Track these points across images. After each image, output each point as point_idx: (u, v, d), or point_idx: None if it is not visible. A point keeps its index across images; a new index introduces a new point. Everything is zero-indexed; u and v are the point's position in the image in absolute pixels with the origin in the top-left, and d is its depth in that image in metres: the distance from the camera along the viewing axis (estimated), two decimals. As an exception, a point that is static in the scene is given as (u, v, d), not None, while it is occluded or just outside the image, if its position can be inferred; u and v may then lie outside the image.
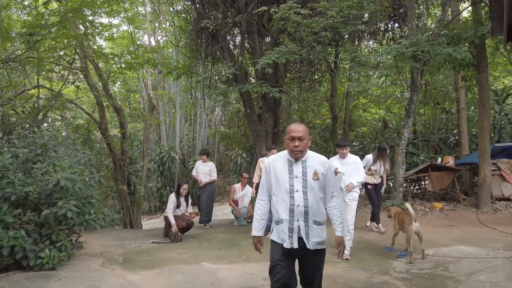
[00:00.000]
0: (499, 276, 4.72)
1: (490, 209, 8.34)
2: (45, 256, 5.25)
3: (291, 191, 2.82)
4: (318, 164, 2.90)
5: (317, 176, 2.84)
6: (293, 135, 2.83)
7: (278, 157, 3.00)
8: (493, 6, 3.03)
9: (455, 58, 6.80)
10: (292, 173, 2.86)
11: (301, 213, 2.81)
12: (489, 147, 8.47)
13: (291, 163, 2.91)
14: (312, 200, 2.82)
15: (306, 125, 13.36)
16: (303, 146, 2.83)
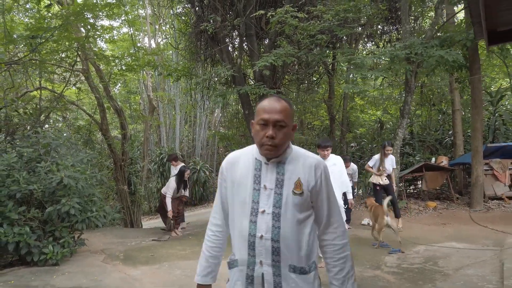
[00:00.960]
0: (486, 270, 4.90)
1: (483, 207, 8.52)
2: (49, 252, 5.44)
3: (253, 211, 1.67)
4: (306, 168, 1.72)
5: (300, 188, 1.68)
6: (266, 118, 1.66)
7: (240, 155, 1.83)
8: (473, 12, 3.22)
9: (447, 60, 7.00)
10: (259, 182, 1.70)
11: (267, 251, 1.64)
12: (481, 147, 8.66)
13: (259, 164, 1.74)
14: (288, 229, 1.65)
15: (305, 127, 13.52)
16: (281, 137, 1.66)
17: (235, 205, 1.75)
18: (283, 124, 1.65)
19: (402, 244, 6.06)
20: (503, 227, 7.20)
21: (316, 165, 1.73)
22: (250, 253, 1.67)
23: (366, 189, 10.75)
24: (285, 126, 1.66)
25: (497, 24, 3.57)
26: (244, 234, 1.67)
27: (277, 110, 1.65)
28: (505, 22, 3.52)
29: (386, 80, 13.64)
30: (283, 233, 1.64)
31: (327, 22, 8.06)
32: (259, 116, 1.68)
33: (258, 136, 1.67)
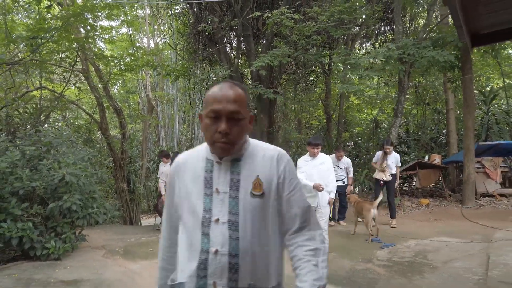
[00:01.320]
0: (473, 263, 5.09)
1: (474, 204, 8.72)
2: (51, 247, 5.61)
3: (205, 221, 1.38)
4: (266, 163, 1.44)
5: (260, 188, 1.40)
6: (217, 109, 1.36)
7: (189, 156, 1.53)
8: (454, 17, 3.41)
9: (438, 61, 7.19)
10: (211, 185, 1.41)
11: (223, 269, 1.34)
12: (473, 145, 8.86)
13: (210, 165, 1.45)
14: (248, 240, 1.36)
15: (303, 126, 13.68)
16: (237, 132, 1.37)
17: (184, 216, 1.44)
18: (239, 116, 1.35)
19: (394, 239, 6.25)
20: (493, 223, 7.40)
21: (278, 158, 1.44)
22: (200, 274, 1.34)
23: (362, 186, 10.94)
24: (242, 118, 1.36)
25: (480, 27, 3.76)
26: (195, 250, 1.36)
27: (231, 99, 1.35)
28: (487, 26, 3.71)
29: (382, 80, 13.83)
30: (243, 245, 1.34)
31: (322, 24, 8.24)
32: (209, 107, 1.37)
33: (209, 132, 1.36)
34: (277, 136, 12.05)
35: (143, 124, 14.80)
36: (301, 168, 5.12)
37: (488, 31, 3.90)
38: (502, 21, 3.65)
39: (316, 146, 5.04)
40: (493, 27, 3.82)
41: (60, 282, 4.71)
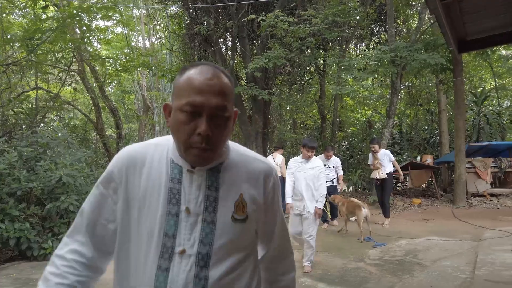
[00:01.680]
0: (461, 261, 5.24)
1: (465, 204, 8.90)
2: (48, 247, 5.68)
3: (164, 252, 1.01)
4: (252, 178, 1.11)
5: (244, 211, 1.07)
6: (197, 102, 0.96)
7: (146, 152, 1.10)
8: (440, 24, 3.53)
9: (429, 63, 7.34)
10: (178, 201, 1.03)
11: None
12: (464, 146, 9.03)
13: (178, 172, 1.06)
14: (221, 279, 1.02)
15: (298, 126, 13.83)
16: (221, 135, 1.01)
17: (132, 238, 1.06)
18: (225, 113, 1.00)
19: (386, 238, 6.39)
20: (483, 222, 7.57)
21: (267, 173, 1.12)
22: None
23: (356, 186, 11.08)
24: (228, 116, 1.01)
25: (466, 34, 3.90)
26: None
27: (216, 90, 0.98)
28: (472, 32, 3.85)
29: (375, 81, 13.99)
30: (213, 287, 1.00)
31: (316, 26, 8.36)
32: (183, 97, 0.98)
33: (183, 132, 0.97)
34: (272, 136, 12.16)
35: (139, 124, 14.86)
36: (291, 169, 4.95)
37: (474, 38, 4.04)
38: (487, 28, 3.79)
39: (312, 149, 4.80)
40: (479, 33, 3.96)
41: (58, 281, 4.79)
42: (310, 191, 4.78)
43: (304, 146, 4.82)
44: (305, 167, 4.84)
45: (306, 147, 4.78)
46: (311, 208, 4.74)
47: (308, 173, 4.79)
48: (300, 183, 4.81)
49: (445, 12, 2.93)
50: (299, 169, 4.86)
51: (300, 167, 4.88)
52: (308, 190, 4.78)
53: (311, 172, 4.79)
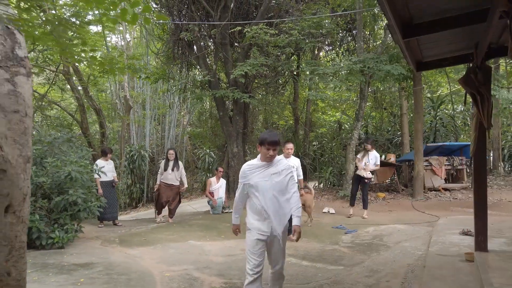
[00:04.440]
0: (418, 242, 6.29)
1: (423, 197, 10.10)
2: (55, 236, 6.23)
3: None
4: None
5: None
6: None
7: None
8: (401, 49, 4.47)
9: (393, 73, 8.43)
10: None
11: None
12: (422, 146, 10.24)
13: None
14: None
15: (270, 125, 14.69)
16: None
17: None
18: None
19: (356, 226, 7.37)
20: (437, 212, 8.76)
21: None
22: None
23: (327, 182, 12.05)
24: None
25: (422, 58, 4.89)
26: None
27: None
28: (428, 56, 4.84)
29: (343, 86, 15.12)
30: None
31: (293, 37, 9.27)
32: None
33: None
34: (251, 136, 12.97)
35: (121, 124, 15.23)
36: (246, 177, 3.41)
37: (430, 60, 5.04)
38: (439, 53, 4.79)
39: (274, 147, 3.29)
40: (433, 57, 4.96)
41: (73, 265, 5.38)
42: (278, 205, 3.34)
43: (263, 143, 3.30)
44: (268, 173, 3.36)
45: (266, 144, 3.28)
46: (279, 229, 3.34)
47: (273, 181, 3.34)
48: (262, 195, 3.32)
49: (405, 45, 3.85)
50: (259, 176, 3.36)
51: (261, 173, 3.36)
52: (275, 204, 3.33)
53: (277, 178, 3.35)
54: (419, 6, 3.13)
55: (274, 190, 3.35)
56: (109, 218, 8.59)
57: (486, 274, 3.85)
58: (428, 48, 4.47)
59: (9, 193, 1.66)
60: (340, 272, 4.97)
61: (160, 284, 4.62)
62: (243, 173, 3.45)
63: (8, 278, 1.67)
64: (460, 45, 4.28)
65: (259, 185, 3.36)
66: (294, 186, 3.48)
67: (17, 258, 1.72)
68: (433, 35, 3.90)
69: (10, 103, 1.73)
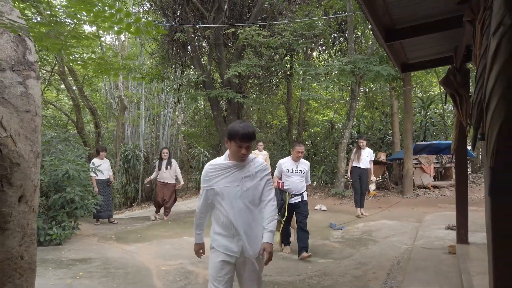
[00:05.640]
0: (405, 237, 6.53)
1: (412, 194, 10.37)
2: (53, 233, 6.38)
3: None
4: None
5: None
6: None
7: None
8: (386, 52, 4.70)
9: (382, 74, 8.67)
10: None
11: None
12: (411, 145, 10.50)
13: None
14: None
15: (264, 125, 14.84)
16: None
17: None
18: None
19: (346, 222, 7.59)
20: (425, 208, 9.02)
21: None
22: None
23: (320, 181, 12.29)
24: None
25: (407, 59, 5.12)
26: None
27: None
28: (412, 58, 5.07)
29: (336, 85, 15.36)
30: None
31: (286, 38, 9.48)
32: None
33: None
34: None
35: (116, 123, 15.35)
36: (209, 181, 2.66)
37: (414, 62, 5.27)
38: (422, 55, 5.03)
39: (247, 142, 2.54)
40: (417, 59, 5.19)
41: (72, 260, 5.55)
42: (251, 218, 2.61)
43: (233, 137, 2.52)
44: (238, 176, 2.61)
45: (237, 138, 2.50)
46: (252, 249, 2.59)
47: (245, 186, 2.60)
48: (230, 205, 2.59)
49: (389, 48, 4.07)
50: (227, 180, 2.61)
51: (228, 176, 2.62)
52: (247, 217, 2.59)
53: (250, 183, 2.61)
54: (400, 12, 3.34)
55: (246, 198, 2.57)
56: (104, 216, 8.74)
57: (465, 264, 4.09)
58: (412, 51, 4.69)
59: (22, 184, 1.84)
60: (330, 265, 5.19)
61: (156, 277, 4.81)
62: (205, 176, 2.66)
63: (21, 261, 1.85)
64: (441, 48, 4.51)
65: (226, 192, 2.57)
66: (271, 193, 2.67)
67: (29, 244, 1.91)
68: (415, 39, 4.12)
69: (22, 104, 1.91)
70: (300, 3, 11.98)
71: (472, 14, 2.15)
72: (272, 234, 2.60)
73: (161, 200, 8.89)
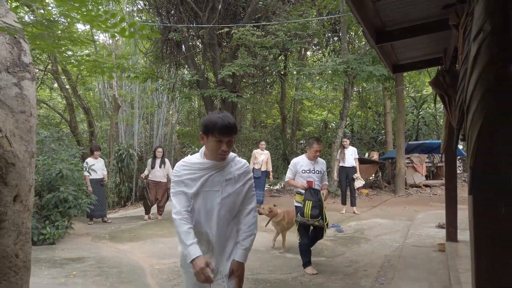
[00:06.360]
0: (397, 235, 6.62)
1: (404, 193, 10.49)
2: (47, 232, 6.39)
3: None
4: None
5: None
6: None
7: None
8: (377, 53, 4.78)
9: (374, 74, 8.76)
10: None
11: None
12: (403, 144, 10.62)
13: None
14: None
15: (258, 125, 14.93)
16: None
17: None
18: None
19: (339, 221, 7.67)
20: (417, 207, 9.14)
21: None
22: None
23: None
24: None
25: (398, 60, 5.20)
26: None
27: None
28: (402, 59, 5.15)
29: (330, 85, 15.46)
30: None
31: (280, 38, 9.53)
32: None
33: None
34: (239, 135, 13.20)
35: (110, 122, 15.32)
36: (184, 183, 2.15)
37: (404, 62, 5.35)
38: (412, 56, 5.11)
39: (228, 136, 2.06)
40: (407, 60, 5.27)
41: (65, 259, 5.56)
42: (228, 230, 2.19)
43: (211, 130, 2.04)
44: (217, 179, 2.14)
45: (216, 132, 2.02)
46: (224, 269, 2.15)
47: (225, 191, 2.15)
48: (206, 214, 2.15)
49: (380, 49, 4.14)
50: (204, 184, 2.13)
51: (206, 179, 2.14)
52: (224, 229, 2.16)
53: (231, 187, 2.16)
54: (389, 15, 3.41)
55: (226, 206, 2.12)
56: (98, 215, 8.74)
57: (454, 261, 4.18)
58: (402, 52, 4.77)
59: (17, 184, 1.88)
60: (322, 263, 5.26)
61: (150, 275, 4.84)
62: (178, 175, 2.15)
63: (16, 260, 1.89)
64: (431, 49, 4.59)
65: (203, 199, 2.11)
66: (253, 200, 2.23)
67: (24, 242, 1.94)
68: (406, 40, 4.20)
69: (18, 105, 1.95)
70: (294, 3, 12.04)
71: (457, 18, 2.22)
72: (247, 252, 2.14)
73: (154, 199, 8.89)
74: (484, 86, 1.51)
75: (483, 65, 1.51)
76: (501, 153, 1.56)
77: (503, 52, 1.52)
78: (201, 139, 2.12)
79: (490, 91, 1.50)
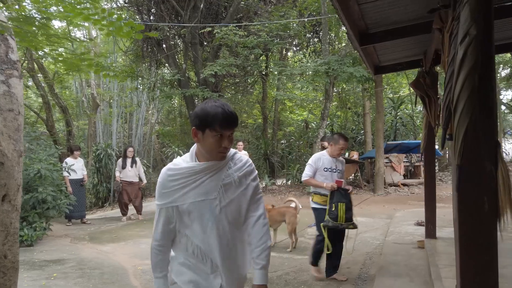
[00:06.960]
0: (377, 233, 6.77)
1: (383, 192, 10.71)
2: (24, 234, 6.21)
3: None
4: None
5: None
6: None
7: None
8: (360, 55, 4.88)
9: (355, 76, 8.93)
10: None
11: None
12: (382, 144, 10.85)
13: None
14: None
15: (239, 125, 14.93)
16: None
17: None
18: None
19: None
20: (396, 205, 9.36)
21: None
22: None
23: (294, 180, 12.45)
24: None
25: (379, 62, 5.32)
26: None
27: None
28: (384, 61, 5.28)
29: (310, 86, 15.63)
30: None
31: (262, 38, 9.59)
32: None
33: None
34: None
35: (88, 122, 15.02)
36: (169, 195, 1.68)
37: (385, 64, 5.48)
38: (393, 58, 5.24)
39: (230, 129, 1.63)
40: (389, 61, 5.40)
41: (45, 261, 5.43)
42: (234, 244, 1.75)
43: (210, 124, 1.58)
44: (214, 185, 1.68)
45: (217, 125, 1.57)
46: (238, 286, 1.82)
47: (225, 198, 1.69)
48: (202, 229, 1.69)
49: (363, 51, 4.24)
50: (196, 192, 1.66)
51: (199, 185, 1.67)
52: (226, 248, 1.72)
53: (233, 192, 1.71)
54: (373, 18, 3.50)
55: (227, 216, 1.69)
56: (77, 216, 8.56)
57: (433, 257, 4.31)
58: (384, 54, 4.89)
59: (6, 183, 1.84)
60: (305, 261, 5.31)
61: (133, 276, 4.79)
62: (163, 187, 1.69)
63: (5, 260, 1.85)
64: (412, 52, 4.73)
65: (198, 210, 1.66)
66: (261, 205, 1.81)
67: (12, 243, 1.91)
68: (387, 43, 4.31)
69: (5, 103, 1.90)
70: (275, 3, 12.11)
71: (441, 22, 2.30)
72: (265, 271, 1.72)
73: (127, 199, 8.73)
74: (470, 87, 1.58)
75: (469, 68, 1.58)
76: (485, 151, 1.63)
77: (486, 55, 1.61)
78: (194, 135, 1.63)
79: (476, 92, 1.58)
